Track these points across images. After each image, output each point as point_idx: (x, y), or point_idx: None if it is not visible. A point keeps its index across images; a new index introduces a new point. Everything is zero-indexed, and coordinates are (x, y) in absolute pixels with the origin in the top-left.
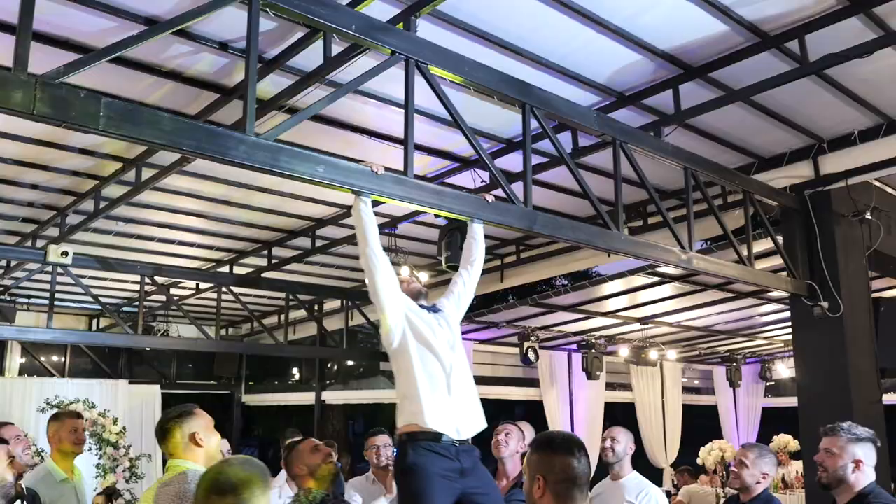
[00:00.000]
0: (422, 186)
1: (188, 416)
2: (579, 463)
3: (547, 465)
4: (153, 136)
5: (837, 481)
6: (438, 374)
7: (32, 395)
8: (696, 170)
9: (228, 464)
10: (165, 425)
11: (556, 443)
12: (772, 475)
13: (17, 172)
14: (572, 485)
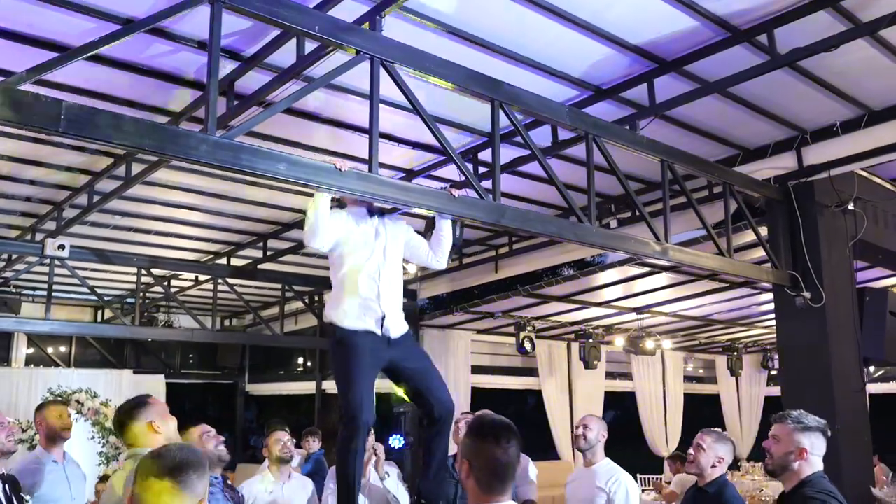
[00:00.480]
0: (385, 182)
1: (143, 406)
2: (504, 452)
3: (473, 451)
4: (114, 138)
5: (782, 468)
6: (365, 280)
7: (38, 384)
8: (673, 162)
9: (166, 448)
10: (121, 418)
11: (484, 429)
12: (728, 460)
13: (14, 168)
14: (493, 473)
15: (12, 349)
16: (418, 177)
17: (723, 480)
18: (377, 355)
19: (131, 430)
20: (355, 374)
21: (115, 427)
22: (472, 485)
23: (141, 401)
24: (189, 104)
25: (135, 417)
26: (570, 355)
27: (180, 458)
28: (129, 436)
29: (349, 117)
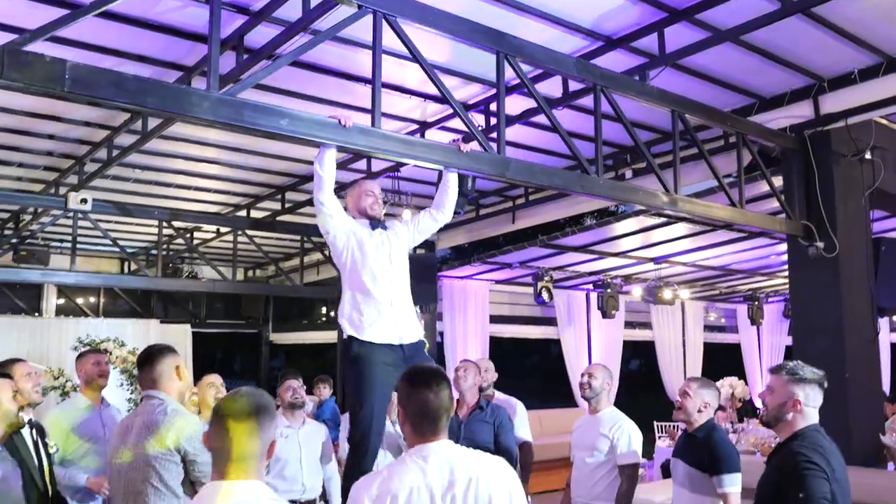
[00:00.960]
0: (388, 137)
1: (173, 352)
2: (436, 397)
3: (407, 397)
4: (117, 97)
5: (775, 420)
6: (378, 288)
7: (68, 334)
8: (684, 112)
9: (242, 392)
10: (155, 352)
11: (417, 377)
12: (713, 405)
13: (34, 123)
14: (425, 416)
15: (42, 300)
16: (432, 128)
17: (711, 424)
18: (393, 375)
19: (160, 365)
20: (369, 394)
21: (144, 360)
22: (408, 429)
23: (170, 348)
24: (200, 59)
25: (166, 357)
26: (588, 305)
27: (257, 402)
28: (155, 371)
29: (360, 70)
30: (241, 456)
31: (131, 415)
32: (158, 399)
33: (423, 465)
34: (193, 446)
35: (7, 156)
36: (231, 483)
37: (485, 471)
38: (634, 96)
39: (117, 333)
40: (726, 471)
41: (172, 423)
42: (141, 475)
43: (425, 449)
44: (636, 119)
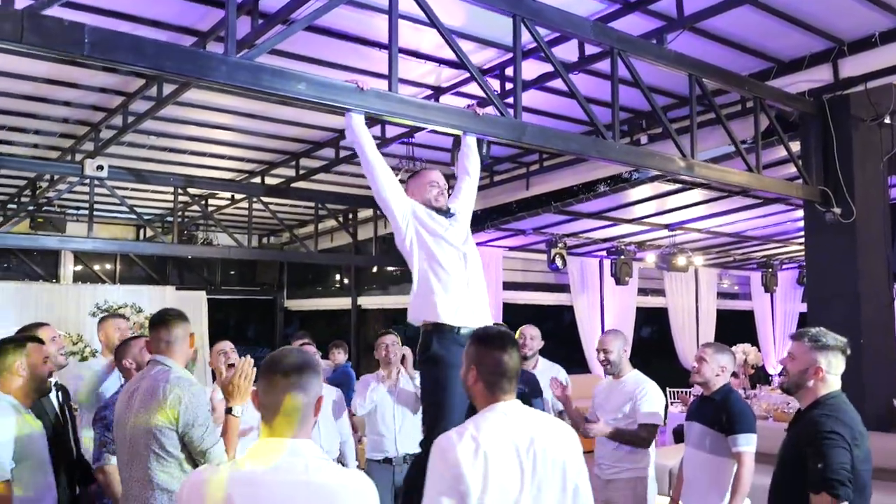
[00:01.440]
0: (405, 101)
1: (184, 318)
2: (510, 358)
3: (480, 357)
4: (136, 61)
5: (796, 386)
6: (456, 268)
7: (85, 300)
8: (702, 77)
9: (289, 349)
10: (172, 315)
11: (490, 338)
12: (730, 369)
13: (51, 90)
14: (502, 375)
15: (60, 266)
16: (446, 94)
17: (727, 388)
18: None
19: (175, 331)
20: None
21: (158, 323)
22: (480, 388)
23: (182, 314)
24: (215, 24)
25: (183, 322)
26: (601, 272)
27: (304, 358)
28: (170, 335)
29: (375, 35)
30: (290, 410)
31: (136, 378)
32: (164, 366)
33: (502, 422)
34: (191, 416)
35: (23, 123)
36: (281, 440)
37: (557, 432)
38: (652, 60)
39: (134, 299)
40: (742, 430)
41: (172, 391)
42: (143, 441)
43: (502, 406)
44: (652, 83)
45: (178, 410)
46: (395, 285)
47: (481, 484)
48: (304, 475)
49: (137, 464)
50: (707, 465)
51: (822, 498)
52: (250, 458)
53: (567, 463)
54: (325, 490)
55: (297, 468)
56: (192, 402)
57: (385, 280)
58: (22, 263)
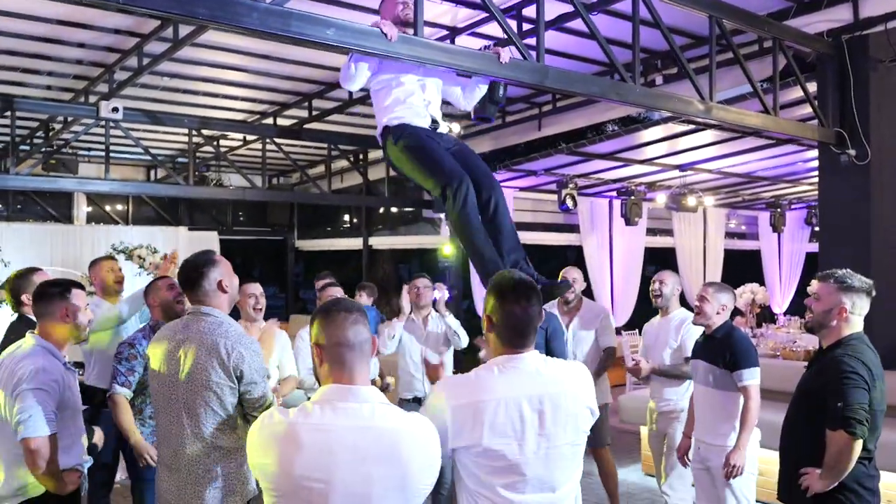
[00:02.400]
0: (431, 45)
1: (212, 263)
2: (524, 310)
3: (494, 308)
4: (170, 7)
5: (819, 325)
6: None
7: (100, 241)
8: (722, 17)
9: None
10: (192, 274)
11: (505, 288)
12: (730, 307)
13: (62, 31)
14: (513, 329)
15: (73, 207)
16: (462, 34)
17: (728, 325)
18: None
19: (201, 286)
20: (434, 152)
21: (183, 281)
22: (493, 337)
23: (210, 258)
24: None
25: (207, 274)
26: (611, 212)
27: (355, 304)
28: (199, 292)
29: None
30: (355, 345)
31: (176, 329)
32: (213, 317)
33: (512, 376)
34: (254, 374)
35: (37, 64)
36: (346, 386)
37: (570, 382)
38: (673, 2)
39: (148, 240)
40: (745, 365)
41: (235, 349)
42: (200, 398)
43: (514, 360)
44: (668, 23)
45: (242, 369)
46: (405, 225)
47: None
48: (370, 420)
49: (192, 420)
50: (714, 400)
51: (838, 435)
52: (318, 403)
53: (579, 415)
54: (391, 434)
55: (364, 413)
56: (254, 360)
57: (395, 220)
58: (35, 205)
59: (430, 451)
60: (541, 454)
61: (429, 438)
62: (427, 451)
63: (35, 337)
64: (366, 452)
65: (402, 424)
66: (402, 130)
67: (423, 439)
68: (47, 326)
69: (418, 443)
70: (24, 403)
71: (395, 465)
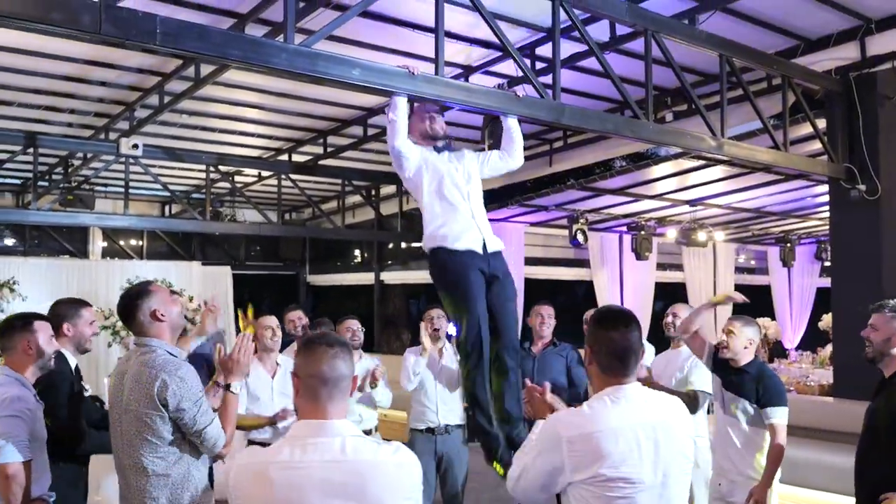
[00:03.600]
0: (452, 85)
1: (146, 295)
2: (623, 337)
3: (595, 337)
4: (204, 49)
5: (880, 354)
6: (459, 201)
7: (115, 276)
8: (731, 56)
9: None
10: (127, 306)
11: (606, 318)
12: (756, 341)
13: (87, 71)
14: (614, 356)
15: (89, 242)
16: (476, 73)
17: (759, 361)
18: (481, 274)
19: (136, 318)
20: (471, 299)
21: (121, 316)
22: (595, 370)
23: (143, 289)
24: (254, 7)
25: (139, 307)
26: (621, 247)
27: (339, 338)
28: (135, 324)
29: (408, 15)
30: (331, 380)
31: (124, 360)
32: (148, 347)
33: (625, 405)
34: (179, 400)
35: (60, 102)
36: (318, 421)
37: (674, 411)
38: (684, 41)
39: (162, 275)
40: (776, 403)
41: (158, 377)
42: (135, 428)
43: (622, 390)
44: (679, 61)
45: (166, 396)
46: (416, 260)
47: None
48: (340, 454)
49: (131, 451)
50: (741, 435)
51: None
52: (288, 441)
53: (686, 443)
54: (361, 467)
55: (334, 447)
56: (179, 386)
57: (406, 255)
58: (51, 239)
59: (403, 484)
60: (657, 482)
61: (404, 471)
62: (400, 483)
63: (3, 368)
64: (335, 488)
65: (374, 457)
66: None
67: (397, 472)
68: (12, 359)
69: (390, 476)
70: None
71: (364, 499)
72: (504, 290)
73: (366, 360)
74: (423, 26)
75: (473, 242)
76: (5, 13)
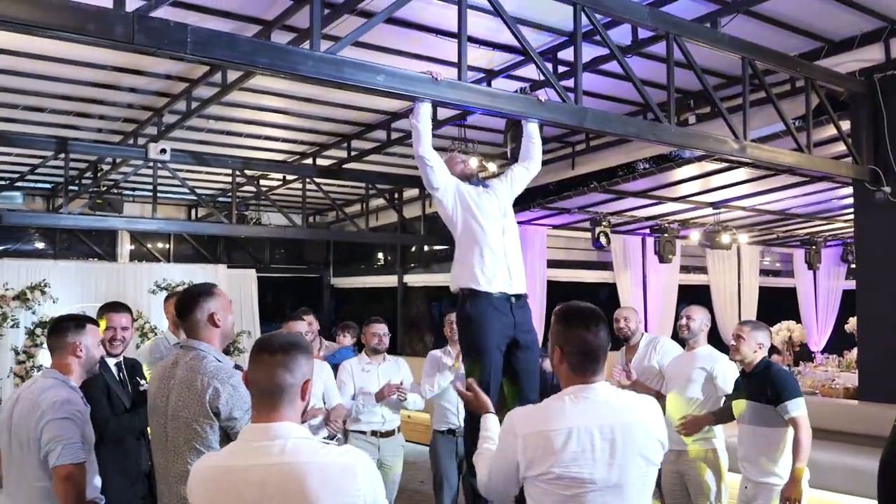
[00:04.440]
0: (474, 90)
1: (208, 295)
2: (595, 337)
3: (564, 337)
4: (233, 58)
5: None
6: (493, 237)
7: (142, 278)
8: (754, 59)
9: (278, 332)
10: (187, 302)
11: (574, 318)
12: (766, 345)
13: (116, 77)
14: (584, 355)
15: (117, 246)
16: (498, 77)
17: (766, 362)
18: (505, 329)
19: (193, 316)
20: (488, 345)
21: (178, 310)
22: (565, 369)
23: (207, 290)
24: (279, 14)
25: (200, 305)
26: (644, 249)
27: (289, 340)
28: (190, 323)
29: (432, 20)
30: (275, 389)
31: (170, 364)
32: (198, 351)
33: (584, 406)
34: (232, 408)
35: (90, 108)
36: (264, 424)
37: (641, 413)
38: (706, 44)
39: (188, 277)
40: (789, 397)
41: (211, 384)
42: (183, 436)
43: (587, 390)
44: (701, 64)
45: (218, 405)
46: (439, 263)
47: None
48: (279, 457)
49: (177, 458)
50: (759, 437)
51: None
52: (234, 444)
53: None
54: (299, 469)
55: (274, 450)
56: (231, 394)
57: (428, 258)
58: (81, 243)
59: (346, 486)
60: (611, 483)
61: (348, 473)
62: (343, 485)
63: (51, 371)
64: (273, 490)
65: (314, 458)
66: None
67: (339, 473)
68: (60, 359)
69: (330, 477)
70: (53, 433)
71: (304, 501)
72: (529, 356)
73: (390, 365)
74: (446, 31)
75: (503, 284)
76: (43, 24)
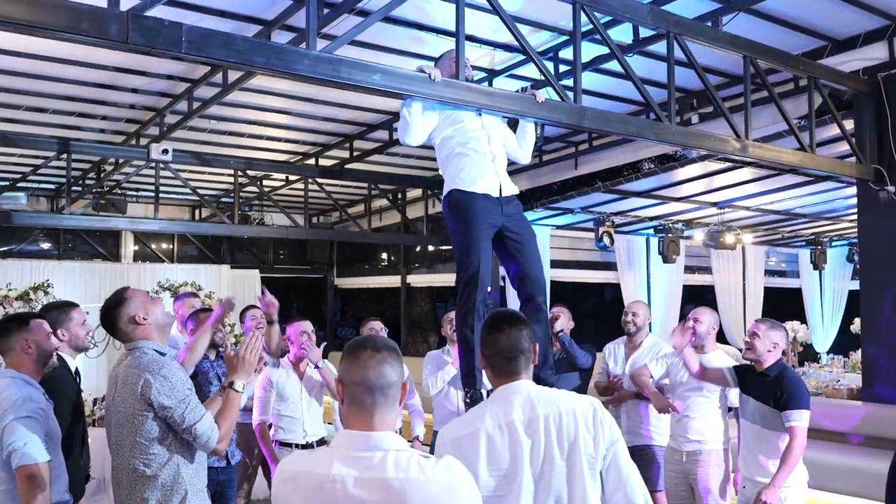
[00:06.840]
0: (472, 88)
1: (120, 303)
2: (508, 338)
3: (484, 343)
4: (229, 57)
5: None
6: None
7: (146, 279)
8: (756, 58)
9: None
10: (107, 318)
11: (492, 323)
12: (782, 345)
13: (118, 78)
14: (500, 356)
15: (121, 246)
16: (500, 76)
17: (781, 363)
18: (492, 221)
19: (119, 329)
20: (475, 238)
21: (105, 329)
22: (489, 373)
23: (118, 298)
24: (279, 13)
25: (118, 317)
26: (648, 250)
27: (390, 342)
28: (119, 334)
29: (430, 19)
30: (379, 388)
31: (116, 364)
32: (137, 348)
33: (504, 404)
34: (164, 398)
35: (92, 109)
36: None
37: (570, 406)
38: (707, 43)
39: (192, 278)
40: (795, 406)
41: (141, 377)
42: (125, 430)
43: (506, 389)
44: (703, 63)
45: (150, 395)
46: (442, 263)
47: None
48: (380, 471)
49: (120, 452)
50: (763, 439)
51: None
52: (329, 451)
53: (583, 441)
54: (400, 485)
55: (374, 463)
56: (163, 384)
57: (432, 258)
58: (84, 244)
59: (449, 501)
60: (535, 476)
61: (451, 491)
62: (445, 501)
63: (6, 370)
64: None
65: (415, 474)
66: (459, 198)
67: (443, 492)
68: (13, 360)
69: (434, 496)
70: (15, 433)
71: None
72: (522, 232)
73: None
74: (445, 31)
75: (490, 187)
76: (37, 23)
